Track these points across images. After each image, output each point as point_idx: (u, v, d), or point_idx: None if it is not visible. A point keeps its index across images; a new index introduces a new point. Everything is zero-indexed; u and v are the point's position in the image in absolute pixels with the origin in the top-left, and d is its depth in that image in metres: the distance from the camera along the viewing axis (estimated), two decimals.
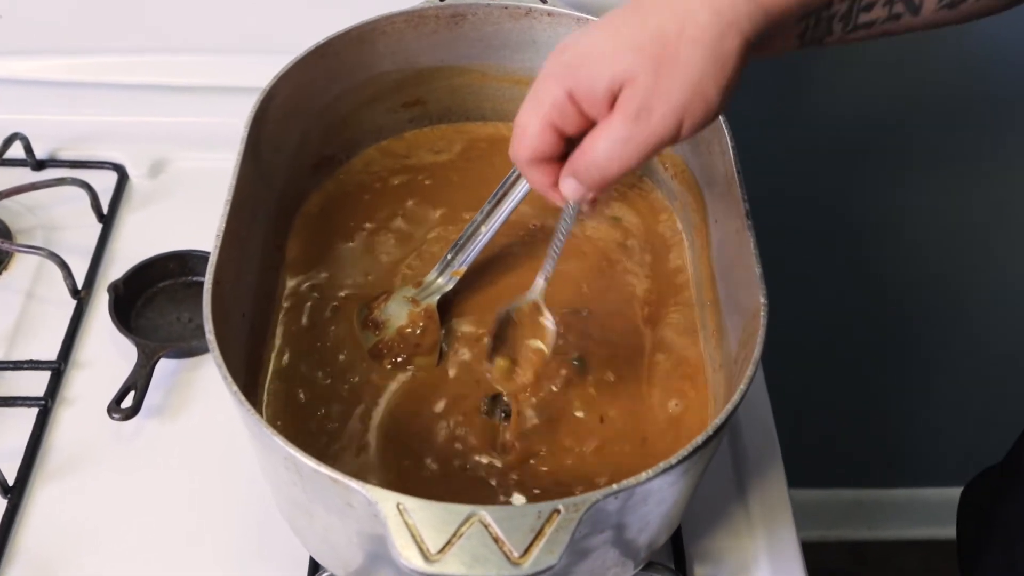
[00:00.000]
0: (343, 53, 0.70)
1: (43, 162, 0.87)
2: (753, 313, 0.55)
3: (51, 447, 0.70)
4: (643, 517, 0.52)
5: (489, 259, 0.68)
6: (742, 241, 0.58)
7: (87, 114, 0.88)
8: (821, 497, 1.65)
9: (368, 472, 0.58)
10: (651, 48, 0.45)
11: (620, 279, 0.68)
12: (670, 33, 0.45)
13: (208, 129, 0.86)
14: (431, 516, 0.46)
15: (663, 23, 0.45)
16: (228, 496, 0.68)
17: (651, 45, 0.45)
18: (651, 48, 0.45)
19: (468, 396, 0.62)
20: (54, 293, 0.78)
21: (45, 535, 0.66)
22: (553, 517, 0.46)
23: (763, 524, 0.67)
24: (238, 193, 0.60)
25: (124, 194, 0.85)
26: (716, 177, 0.65)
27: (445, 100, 0.76)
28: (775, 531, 0.67)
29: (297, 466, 0.49)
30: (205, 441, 0.70)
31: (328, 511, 0.51)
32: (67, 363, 0.74)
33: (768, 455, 0.70)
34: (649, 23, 0.46)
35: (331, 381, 0.63)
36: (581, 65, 0.47)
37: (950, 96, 1.09)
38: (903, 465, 1.62)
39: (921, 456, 1.60)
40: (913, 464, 1.62)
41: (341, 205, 0.72)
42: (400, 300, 0.65)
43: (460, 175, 0.75)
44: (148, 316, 0.77)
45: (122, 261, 0.80)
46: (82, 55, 0.86)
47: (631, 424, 0.61)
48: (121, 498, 0.68)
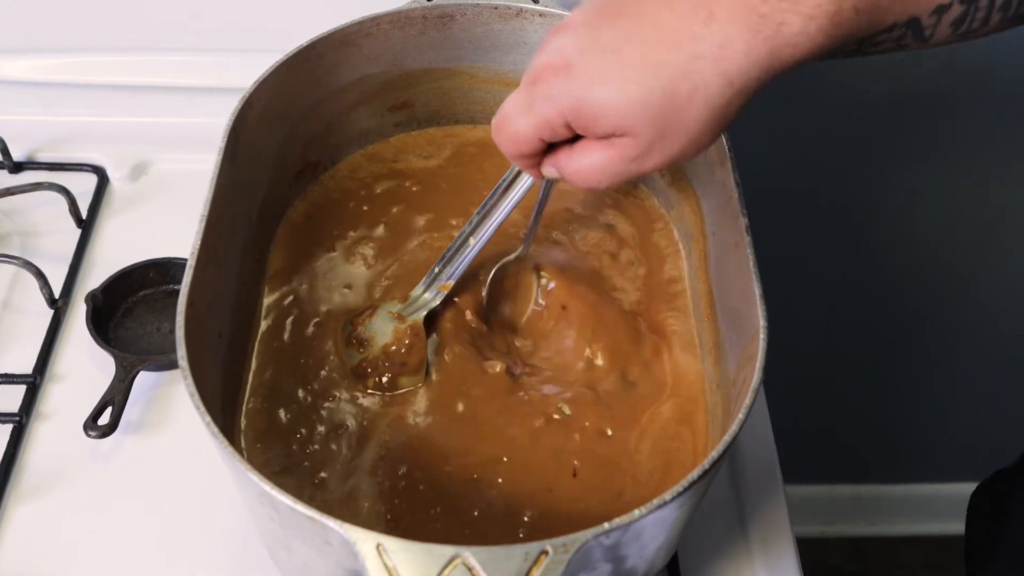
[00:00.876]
0: (327, 56, 0.67)
1: (21, 164, 0.84)
2: (752, 335, 0.53)
3: (26, 465, 0.67)
4: (637, 552, 0.50)
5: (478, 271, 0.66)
6: (741, 257, 0.56)
7: (66, 115, 0.86)
8: (820, 493, 1.64)
9: (357, 498, 0.56)
10: (659, 110, 0.46)
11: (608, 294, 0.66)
12: (680, 96, 0.45)
13: (191, 130, 0.83)
14: (412, 557, 0.44)
15: (674, 82, 0.45)
16: (208, 517, 0.65)
17: (660, 107, 0.46)
18: (659, 110, 0.46)
19: None
20: (30, 303, 0.75)
21: (20, 556, 0.64)
22: (541, 559, 0.44)
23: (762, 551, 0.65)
24: (214, 207, 0.57)
25: (104, 198, 0.83)
26: (714, 187, 0.62)
27: (433, 103, 0.74)
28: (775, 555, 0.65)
29: (273, 503, 0.47)
30: (185, 458, 0.68)
31: (307, 547, 0.49)
32: (43, 376, 0.71)
33: (768, 480, 0.68)
34: (660, 78, 0.45)
35: (314, 401, 0.60)
36: (585, 105, 0.47)
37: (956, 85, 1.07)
38: (903, 461, 1.61)
39: (922, 451, 1.59)
40: (914, 460, 1.61)
41: (326, 213, 0.70)
42: (385, 316, 0.63)
43: (448, 181, 0.72)
44: (128, 326, 0.75)
45: (102, 268, 0.77)
46: (62, 54, 0.84)
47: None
48: (98, 518, 0.65)
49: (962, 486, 1.64)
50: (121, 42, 0.84)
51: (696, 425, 0.60)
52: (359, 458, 0.58)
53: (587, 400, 0.60)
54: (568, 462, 0.58)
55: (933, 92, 1.08)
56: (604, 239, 0.69)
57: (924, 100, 1.09)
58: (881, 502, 1.65)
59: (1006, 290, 1.31)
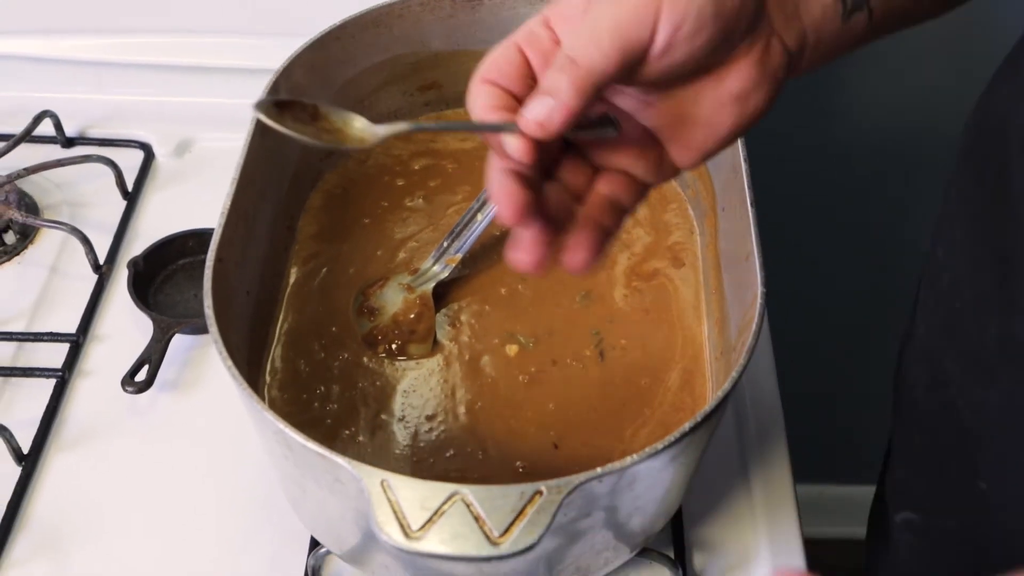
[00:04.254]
0: (359, 35, 0.70)
1: (72, 139, 0.88)
2: (751, 301, 0.55)
3: (67, 418, 0.71)
4: (632, 501, 0.52)
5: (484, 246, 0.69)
6: (745, 228, 0.58)
7: (116, 93, 0.90)
8: (848, 494, 1.63)
9: (379, 455, 0.59)
10: None
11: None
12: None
13: (234, 110, 0.85)
14: (414, 493, 0.46)
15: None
16: (236, 470, 0.69)
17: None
18: None
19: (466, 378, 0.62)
20: (77, 268, 0.79)
21: (57, 503, 0.67)
22: (535, 498, 0.46)
23: (766, 517, 0.67)
24: (245, 171, 0.61)
25: (149, 172, 0.87)
26: (724, 165, 0.64)
27: (461, 85, 0.76)
28: (778, 524, 0.67)
29: (287, 441, 0.50)
30: (216, 416, 0.71)
31: (319, 486, 0.52)
32: (86, 336, 0.75)
33: (775, 446, 0.70)
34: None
35: (335, 362, 0.63)
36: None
37: None
38: None
39: None
40: None
41: (360, 186, 0.73)
42: (396, 287, 0.66)
43: (483, 162, 0.74)
44: (166, 292, 0.78)
45: (144, 238, 0.81)
46: (113, 35, 0.88)
47: None
48: (132, 469, 0.69)
49: None
50: (171, 24, 0.88)
51: (697, 392, 0.62)
52: (376, 415, 0.61)
53: (593, 365, 0.63)
54: (575, 422, 0.60)
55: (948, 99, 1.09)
56: None
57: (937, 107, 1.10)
58: None
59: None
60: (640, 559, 0.62)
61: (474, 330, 0.65)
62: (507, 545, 0.45)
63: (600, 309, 0.66)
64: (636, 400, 0.61)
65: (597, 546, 0.54)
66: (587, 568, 0.56)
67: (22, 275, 0.79)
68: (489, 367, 0.63)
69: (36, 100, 0.88)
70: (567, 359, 0.63)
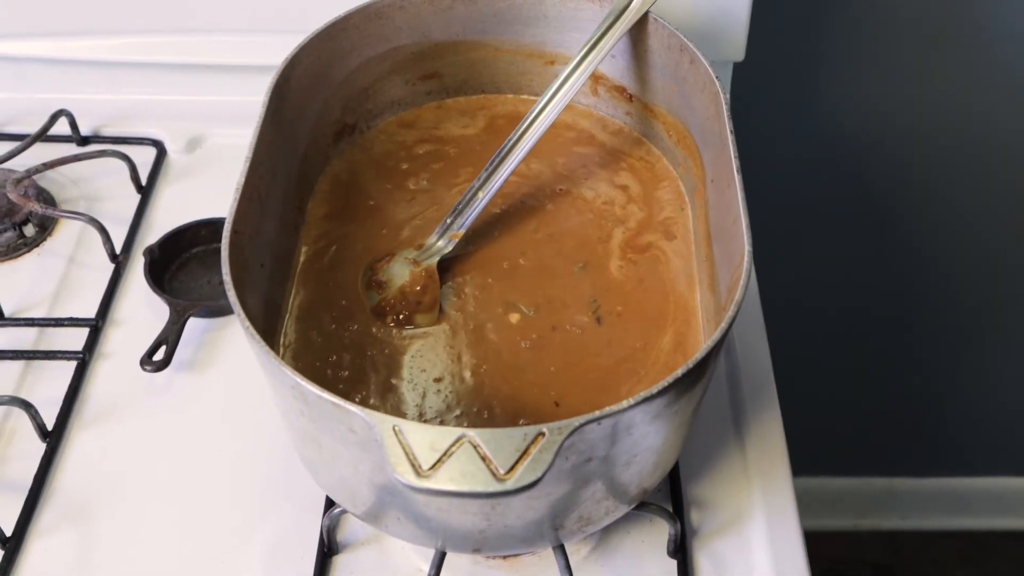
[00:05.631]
0: (363, 26, 0.74)
1: (87, 138, 0.92)
2: (739, 261, 0.58)
3: (88, 397, 0.74)
4: (631, 448, 0.55)
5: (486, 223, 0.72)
6: (732, 195, 0.61)
7: (128, 93, 0.94)
8: (854, 486, 1.66)
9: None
10: None
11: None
12: None
13: (243, 107, 0.89)
14: (423, 437, 0.49)
15: None
16: (250, 443, 0.72)
17: None
18: None
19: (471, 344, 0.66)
20: (94, 258, 0.82)
21: (80, 476, 0.70)
22: (538, 439, 0.49)
23: (760, 477, 0.70)
24: (257, 152, 0.64)
25: (162, 168, 0.90)
26: (713, 139, 0.68)
27: (461, 74, 0.80)
28: (771, 483, 0.70)
29: (303, 394, 0.53)
30: (231, 394, 0.75)
31: (334, 439, 0.54)
32: (104, 320, 0.78)
33: (767, 408, 0.73)
34: None
35: (345, 332, 0.66)
36: None
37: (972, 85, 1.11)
38: (937, 454, 1.62)
39: (956, 445, 1.60)
40: (947, 453, 1.62)
41: (366, 170, 0.76)
42: (402, 261, 0.69)
43: (484, 146, 0.77)
44: (181, 279, 0.81)
45: (159, 229, 0.84)
46: (124, 36, 0.91)
47: None
48: (151, 444, 0.72)
49: (996, 480, 1.66)
50: (178, 25, 0.91)
51: (690, 353, 0.65)
52: (386, 380, 0.64)
53: (591, 330, 0.66)
54: (575, 382, 0.63)
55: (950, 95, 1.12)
56: (616, 195, 0.75)
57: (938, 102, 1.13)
58: (915, 496, 1.67)
59: None
60: (640, 513, 0.65)
61: (478, 300, 0.68)
62: (513, 481, 0.48)
63: (597, 279, 0.69)
64: (631, 361, 0.64)
65: (598, 494, 0.57)
66: (589, 518, 0.59)
67: (42, 265, 0.83)
68: (493, 334, 0.66)
69: (51, 101, 0.91)
70: (566, 325, 0.66)
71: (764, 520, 0.68)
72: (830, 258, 1.31)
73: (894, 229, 1.27)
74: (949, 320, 1.39)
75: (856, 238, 1.29)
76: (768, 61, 0.99)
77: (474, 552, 0.62)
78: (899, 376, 1.48)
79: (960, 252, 1.29)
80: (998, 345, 1.43)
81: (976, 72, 1.10)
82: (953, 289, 1.35)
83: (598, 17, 0.74)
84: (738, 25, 0.87)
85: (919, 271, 1.33)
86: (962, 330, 1.41)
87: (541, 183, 0.75)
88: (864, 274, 1.34)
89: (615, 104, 0.79)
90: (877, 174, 1.21)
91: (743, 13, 0.86)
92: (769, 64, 1.01)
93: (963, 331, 1.41)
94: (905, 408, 1.54)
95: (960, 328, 1.41)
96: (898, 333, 1.42)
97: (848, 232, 1.28)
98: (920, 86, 1.12)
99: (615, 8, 0.72)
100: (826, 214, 1.25)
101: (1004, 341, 1.42)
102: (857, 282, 1.35)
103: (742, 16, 0.86)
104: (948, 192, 1.22)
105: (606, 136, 0.79)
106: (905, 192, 1.23)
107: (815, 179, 1.21)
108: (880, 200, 1.24)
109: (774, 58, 1.03)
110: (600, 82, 0.78)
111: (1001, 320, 1.39)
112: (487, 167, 0.70)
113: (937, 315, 1.39)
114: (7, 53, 0.92)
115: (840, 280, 1.34)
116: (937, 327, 1.40)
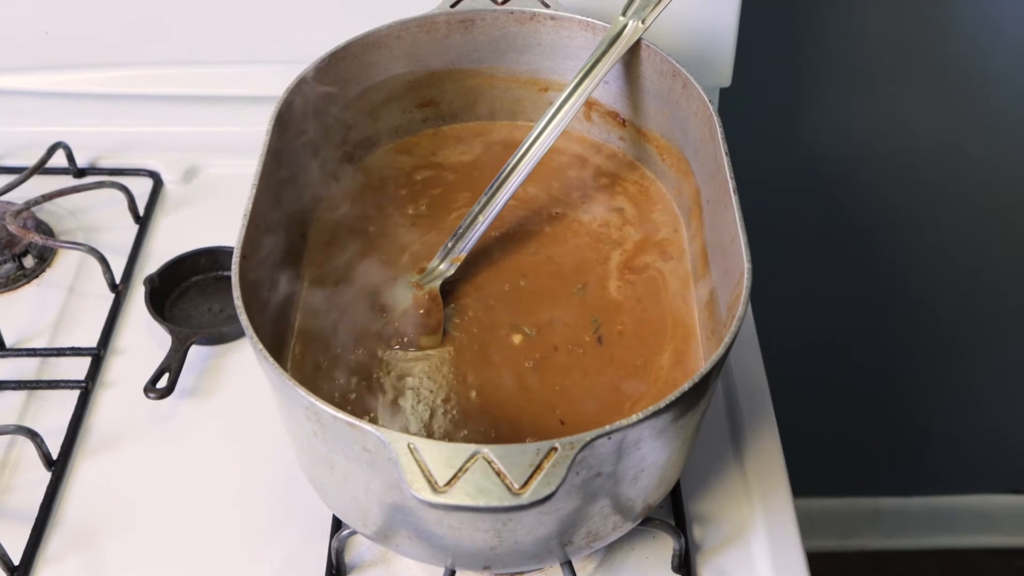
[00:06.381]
0: (360, 56, 0.75)
1: (84, 170, 0.92)
2: (738, 278, 0.59)
3: (92, 425, 0.75)
4: (638, 463, 0.56)
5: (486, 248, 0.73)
6: (729, 215, 0.63)
7: (125, 125, 0.95)
8: (838, 506, 1.67)
9: None
10: None
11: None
12: None
13: (238, 138, 0.91)
14: (438, 454, 0.50)
15: None
16: (255, 468, 0.72)
17: None
18: None
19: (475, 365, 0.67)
20: (93, 288, 0.83)
21: (87, 504, 0.71)
22: (551, 454, 0.50)
23: (760, 491, 0.71)
24: (262, 180, 0.65)
25: (159, 198, 0.91)
26: (707, 161, 0.69)
27: (457, 101, 0.82)
28: (771, 497, 0.71)
29: (317, 414, 0.53)
30: (234, 419, 0.75)
31: (347, 459, 0.55)
32: (106, 349, 0.79)
33: (763, 419, 0.74)
34: None
35: (351, 356, 0.67)
36: None
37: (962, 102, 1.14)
38: (921, 474, 1.64)
39: (939, 465, 1.62)
40: (931, 473, 1.64)
41: (365, 197, 0.77)
42: (405, 285, 0.70)
43: (482, 171, 0.79)
44: (181, 307, 0.82)
45: (157, 258, 0.85)
46: (120, 68, 0.92)
47: None
48: (156, 471, 0.73)
49: (979, 498, 1.68)
50: (173, 56, 0.92)
51: (689, 369, 0.66)
52: (393, 402, 0.65)
53: (593, 349, 0.67)
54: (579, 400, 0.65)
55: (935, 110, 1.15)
56: (612, 218, 0.76)
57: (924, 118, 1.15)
58: (899, 515, 1.69)
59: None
60: (644, 529, 0.66)
61: (481, 322, 0.69)
62: (528, 495, 0.49)
63: (597, 300, 0.70)
64: (633, 379, 0.66)
65: (606, 510, 0.58)
66: (597, 533, 0.60)
67: (42, 296, 0.83)
68: (496, 355, 0.67)
69: (48, 133, 0.92)
70: (568, 345, 0.68)
71: (766, 534, 0.69)
72: (811, 278, 1.33)
73: (876, 251, 1.29)
74: (931, 341, 1.41)
75: (839, 259, 1.31)
76: (748, 87, 1.01)
77: (484, 570, 0.63)
78: (882, 397, 1.50)
79: (943, 273, 1.31)
80: (980, 365, 1.45)
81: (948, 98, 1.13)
82: (934, 311, 1.37)
83: (591, 45, 0.76)
84: (725, 52, 0.89)
85: (905, 294, 1.35)
86: (944, 351, 1.43)
87: (538, 207, 0.77)
88: (843, 295, 1.36)
89: (608, 129, 0.81)
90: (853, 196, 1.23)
91: (730, 40, 0.88)
92: (750, 90, 1.03)
93: (945, 352, 1.43)
94: (889, 428, 1.55)
95: (942, 349, 1.43)
96: (880, 354, 1.44)
97: (831, 253, 1.30)
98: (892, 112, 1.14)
99: (608, 36, 0.74)
100: (805, 236, 1.27)
101: (985, 360, 1.44)
102: (836, 304, 1.37)
103: (728, 43, 0.89)
104: (927, 214, 1.25)
105: (600, 160, 0.80)
106: (882, 215, 1.25)
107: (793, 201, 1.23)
108: (858, 222, 1.26)
109: (756, 84, 1.05)
110: (594, 108, 0.80)
111: (983, 340, 1.41)
112: (487, 191, 0.71)
113: (919, 336, 1.41)
114: (3, 87, 0.93)
115: (818, 302, 1.36)
116: (919, 348, 1.42)
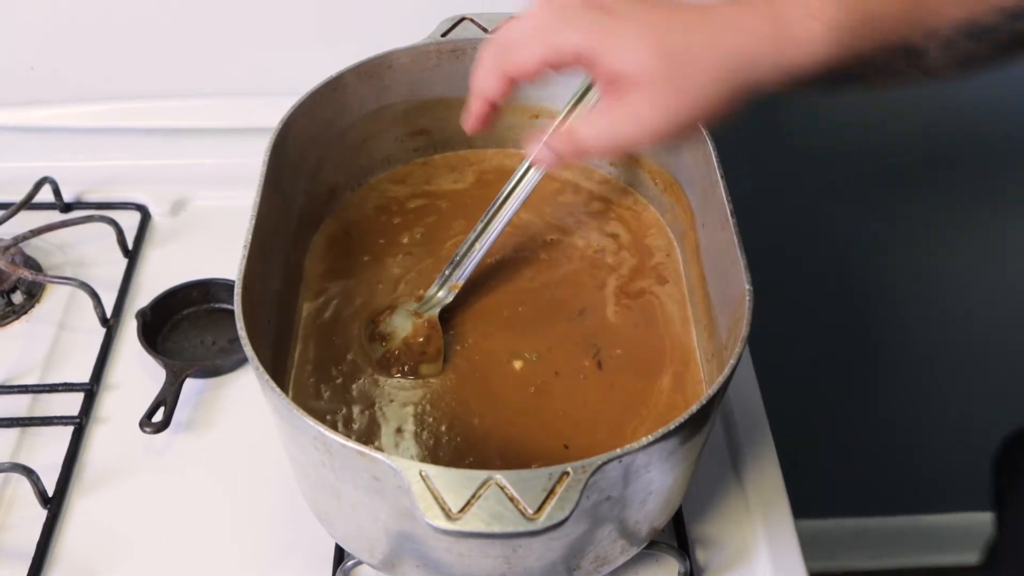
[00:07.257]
0: (352, 86, 0.75)
1: (70, 205, 0.92)
2: (739, 300, 0.60)
3: (86, 461, 0.74)
4: (646, 486, 0.56)
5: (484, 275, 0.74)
6: (727, 238, 0.63)
7: (111, 158, 0.94)
8: (823, 527, 1.68)
9: None
10: (674, 61, 0.51)
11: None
12: (694, 51, 0.51)
13: (225, 170, 0.91)
14: (451, 481, 0.50)
15: (691, 38, 0.51)
16: (254, 501, 0.72)
17: (675, 56, 0.51)
18: (674, 61, 0.51)
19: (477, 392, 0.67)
20: (84, 322, 0.82)
21: (83, 541, 0.70)
22: (563, 478, 0.50)
23: (761, 513, 0.72)
24: (261, 213, 0.65)
25: (147, 231, 0.91)
26: (701, 185, 0.70)
27: (448, 129, 0.82)
28: (772, 518, 0.71)
29: (326, 444, 0.53)
30: (231, 452, 0.75)
31: (356, 488, 0.55)
32: (99, 384, 0.78)
33: (762, 441, 0.75)
34: (683, 32, 0.51)
35: (351, 384, 0.67)
36: (610, 40, 0.52)
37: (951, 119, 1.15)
38: (906, 493, 1.64)
39: (924, 484, 1.62)
40: (916, 492, 1.64)
41: (360, 226, 0.77)
42: (404, 313, 0.70)
43: (475, 199, 0.79)
44: (174, 340, 0.82)
45: (148, 292, 0.85)
46: (105, 102, 0.92)
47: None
48: (153, 506, 0.72)
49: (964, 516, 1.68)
50: (159, 90, 0.92)
51: (689, 392, 0.66)
52: (396, 431, 0.65)
53: (593, 374, 0.67)
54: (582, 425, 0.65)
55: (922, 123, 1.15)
56: (607, 244, 0.77)
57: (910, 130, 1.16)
58: (885, 535, 1.69)
59: (1014, 323, 1.36)
60: (648, 553, 0.66)
61: (481, 349, 0.69)
62: (543, 520, 0.49)
63: (595, 325, 0.71)
64: (634, 402, 0.66)
65: (614, 534, 0.58)
66: (605, 557, 0.60)
67: (32, 332, 0.82)
68: (498, 381, 0.67)
69: (35, 169, 0.91)
70: (569, 370, 0.68)
71: (768, 555, 0.69)
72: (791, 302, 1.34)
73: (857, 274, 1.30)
74: (911, 363, 1.42)
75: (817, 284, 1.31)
76: None
77: None
78: (868, 417, 1.51)
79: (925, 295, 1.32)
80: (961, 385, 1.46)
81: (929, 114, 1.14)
82: (913, 332, 1.38)
83: (580, 72, 0.76)
84: None
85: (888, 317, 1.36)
86: (923, 372, 1.44)
87: (532, 233, 0.77)
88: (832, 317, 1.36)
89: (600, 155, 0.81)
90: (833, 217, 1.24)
91: None
92: None
93: (924, 373, 1.44)
94: (872, 449, 1.56)
95: (921, 370, 1.44)
96: (861, 377, 1.45)
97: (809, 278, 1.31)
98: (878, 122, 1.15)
99: None
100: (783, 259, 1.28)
101: (969, 381, 1.46)
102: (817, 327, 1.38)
103: None
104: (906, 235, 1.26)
105: (592, 185, 0.81)
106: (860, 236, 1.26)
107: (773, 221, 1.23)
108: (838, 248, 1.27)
109: None
110: None
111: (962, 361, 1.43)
112: (483, 218, 0.71)
113: (898, 358, 1.42)
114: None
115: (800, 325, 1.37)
116: (899, 370, 1.43)
